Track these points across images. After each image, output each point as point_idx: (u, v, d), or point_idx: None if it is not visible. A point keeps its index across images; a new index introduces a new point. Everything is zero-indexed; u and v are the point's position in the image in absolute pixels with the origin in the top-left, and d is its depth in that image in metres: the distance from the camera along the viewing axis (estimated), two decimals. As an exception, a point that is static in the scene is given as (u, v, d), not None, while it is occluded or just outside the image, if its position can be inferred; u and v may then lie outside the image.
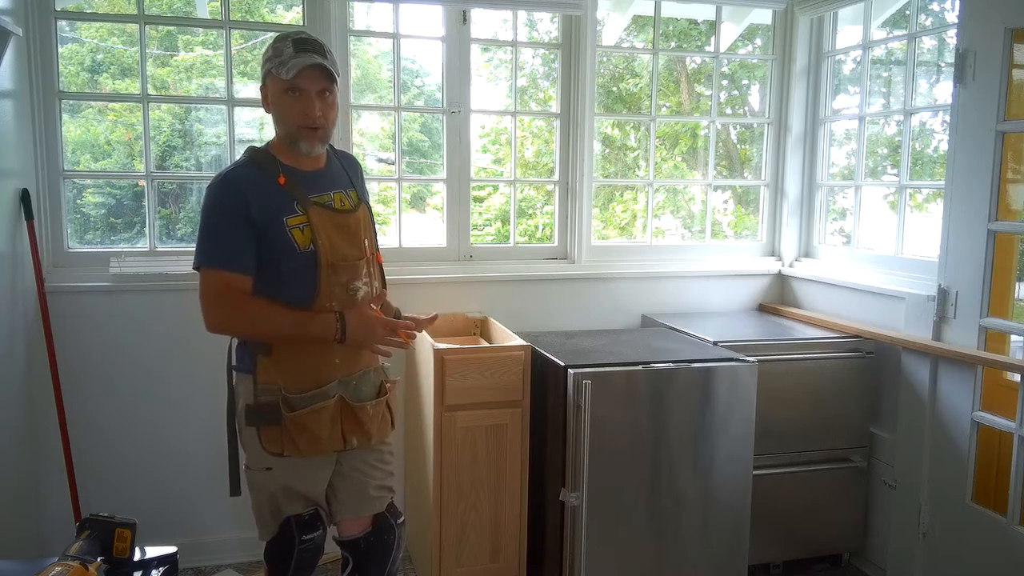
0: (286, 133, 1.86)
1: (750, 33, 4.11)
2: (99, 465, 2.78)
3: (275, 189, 1.82)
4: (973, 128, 2.45)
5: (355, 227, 1.91)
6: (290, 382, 1.83)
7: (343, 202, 1.92)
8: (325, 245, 1.82)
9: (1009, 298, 2.50)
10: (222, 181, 1.82)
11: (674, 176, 5.13)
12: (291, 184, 1.84)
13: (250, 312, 1.79)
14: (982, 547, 2.46)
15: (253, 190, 1.80)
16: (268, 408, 1.82)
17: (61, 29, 2.78)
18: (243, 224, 1.78)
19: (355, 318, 1.82)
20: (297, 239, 1.80)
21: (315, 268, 1.81)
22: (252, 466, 1.89)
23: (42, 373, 2.65)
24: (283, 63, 1.79)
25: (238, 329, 1.84)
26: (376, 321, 1.85)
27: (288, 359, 1.83)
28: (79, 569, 1.41)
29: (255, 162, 1.86)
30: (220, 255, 1.78)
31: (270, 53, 1.83)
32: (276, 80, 1.81)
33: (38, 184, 2.67)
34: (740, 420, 2.55)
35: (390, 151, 3.67)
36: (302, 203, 1.82)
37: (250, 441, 1.87)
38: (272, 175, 1.83)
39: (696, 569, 2.58)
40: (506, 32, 3.58)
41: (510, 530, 2.60)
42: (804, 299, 3.36)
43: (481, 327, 3.03)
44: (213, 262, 1.78)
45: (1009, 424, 2.37)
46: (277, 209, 1.80)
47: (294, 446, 1.83)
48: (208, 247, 1.79)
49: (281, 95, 1.83)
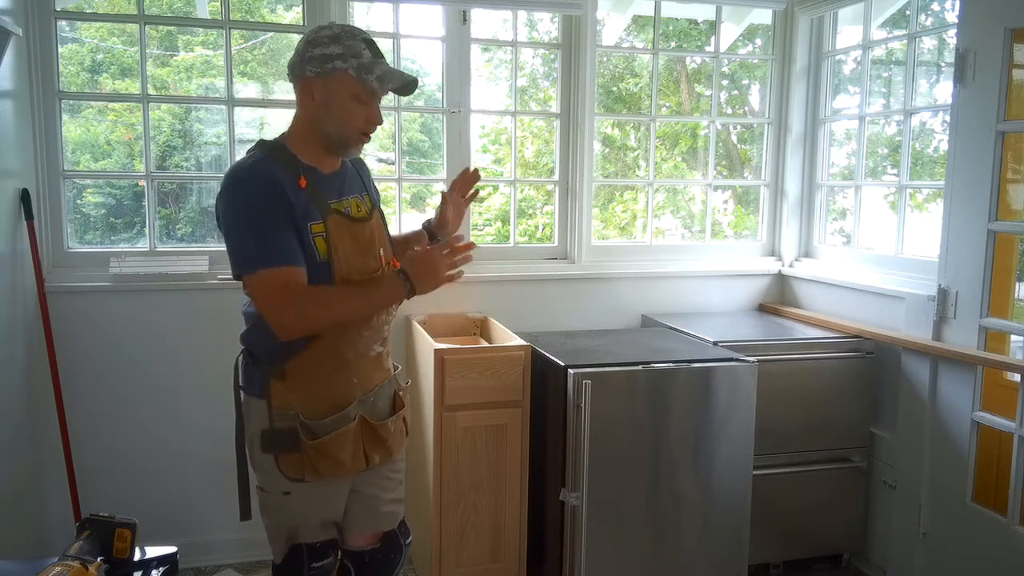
0: (337, 136, 1.71)
1: (750, 33, 4.11)
2: (99, 465, 2.78)
3: (299, 191, 1.67)
4: (973, 128, 2.45)
5: (370, 237, 1.78)
6: (308, 406, 1.70)
7: (359, 208, 1.79)
8: (340, 258, 1.69)
9: (1009, 298, 2.50)
10: (252, 174, 1.65)
11: (674, 176, 5.13)
12: (312, 187, 1.69)
13: (321, 298, 1.65)
14: (982, 547, 2.46)
15: (287, 186, 1.65)
16: (286, 434, 1.70)
17: (61, 29, 2.78)
18: (288, 217, 1.63)
19: (414, 267, 1.67)
20: (319, 248, 1.67)
21: (330, 280, 1.69)
22: (268, 489, 1.77)
23: (42, 373, 2.65)
24: (366, 67, 1.65)
25: (317, 321, 1.66)
26: (432, 256, 1.68)
27: (304, 383, 1.71)
28: (79, 569, 1.41)
29: (275, 159, 1.69)
30: (276, 252, 1.61)
31: (339, 49, 1.65)
32: (349, 81, 1.66)
33: (38, 184, 2.67)
34: (740, 420, 2.55)
35: (390, 151, 3.66)
36: (322, 210, 1.69)
37: (265, 464, 1.75)
38: (293, 175, 1.67)
39: (696, 569, 2.58)
40: (506, 32, 3.58)
41: (510, 530, 2.60)
42: (804, 299, 3.36)
43: (481, 327, 3.03)
44: (271, 260, 1.60)
45: (1009, 424, 2.37)
46: (305, 212, 1.66)
47: (315, 472, 1.71)
48: (258, 246, 1.61)
49: (349, 98, 1.67)
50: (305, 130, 1.73)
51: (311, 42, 1.68)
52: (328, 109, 1.69)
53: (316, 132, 1.72)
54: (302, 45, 1.70)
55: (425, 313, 2.96)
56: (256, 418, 1.74)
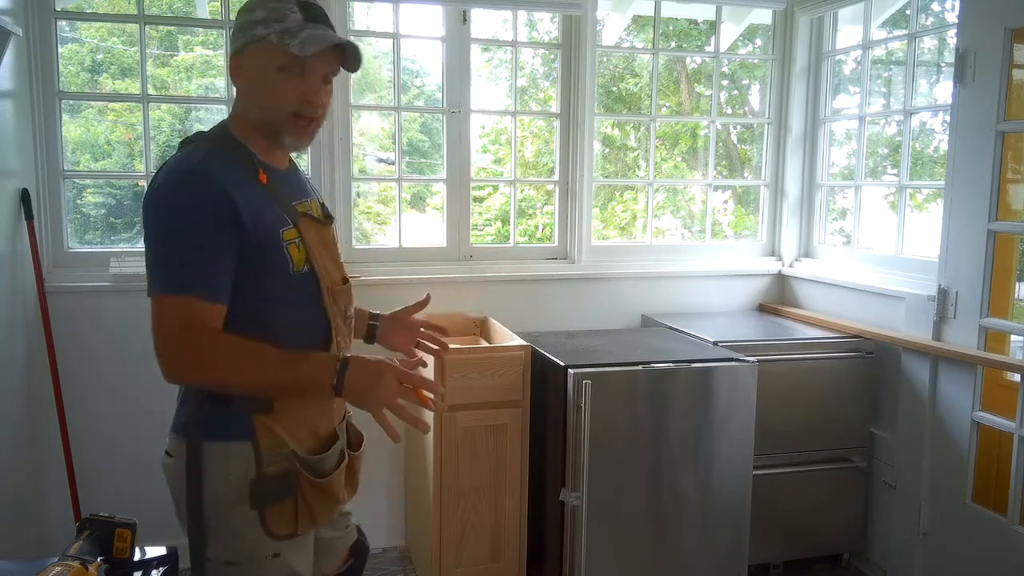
0: (265, 119, 1.41)
1: (750, 33, 4.11)
2: (99, 465, 2.77)
3: (258, 188, 1.37)
4: (973, 128, 2.45)
5: (332, 241, 1.53)
6: (299, 443, 1.41)
7: (318, 212, 1.52)
8: (320, 267, 1.42)
9: (1009, 298, 2.50)
10: (191, 175, 1.32)
11: (674, 176, 5.13)
12: (272, 185, 1.40)
13: (229, 350, 1.30)
14: (982, 547, 2.46)
15: (238, 190, 1.32)
16: (280, 480, 1.38)
17: (61, 29, 2.78)
18: (227, 236, 1.30)
19: (359, 370, 1.31)
20: (294, 257, 1.38)
21: (318, 295, 1.41)
22: (244, 559, 1.39)
23: (42, 373, 2.65)
24: (290, 32, 1.35)
25: (211, 374, 1.30)
26: (388, 369, 1.33)
27: (294, 414, 1.40)
28: (79, 569, 1.41)
29: (225, 152, 1.38)
30: (193, 277, 1.28)
31: (263, 14, 1.37)
32: (272, 50, 1.36)
33: (38, 184, 2.67)
34: (740, 420, 2.55)
35: (390, 151, 3.66)
36: (289, 212, 1.40)
37: (241, 527, 1.38)
38: (249, 169, 1.38)
39: (696, 569, 2.58)
40: (506, 32, 3.58)
41: (510, 530, 2.60)
42: (804, 299, 3.36)
43: (481, 327, 3.03)
44: (184, 287, 1.28)
45: (1009, 424, 2.37)
46: (270, 214, 1.37)
47: (311, 520, 1.42)
48: (176, 267, 1.29)
49: (275, 71, 1.37)
50: (246, 119, 1.44)
51: (241, 9, 1.41)
52: (257, 88, 1.40)
53: (253, 121, 1.43)
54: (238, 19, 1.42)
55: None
56: (234, 468, 1.37)
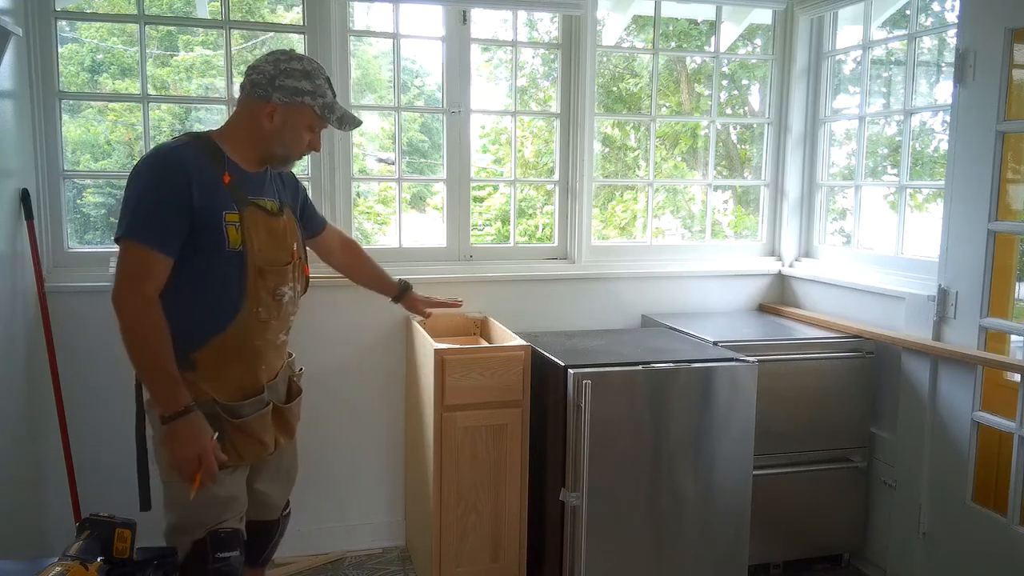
0: (283, 155, 1.89)
1: (750, 33, 4.11)
2: (99, 465, 2.77)
3: (218, 182, 1.77)
4: (973, 128, 2.45)
5: (283, 231, 1.90)
6: (222, 394, 1.80)
7: (272, 207, 1.91)
8: (254, 248, 1.80)
9: (1009, 298, 2.50)
10: (164, 160, 1.73)
11: (674, 176, 5.13)
12: (234, 182, 1.81)
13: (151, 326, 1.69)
14: (982, 547, 2.46)
15: (198, 176, 1.73)
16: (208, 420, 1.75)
17: (61, 29, 2.78)
18: (181, 208, 1.70)
19: (189, 428, 1.70)
20: (231, 236, 1.76)
21: (243, 270, 1.78)
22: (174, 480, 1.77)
23: (42, 373, 2.65)
24: (330, 107, 1.87)
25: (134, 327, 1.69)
26: (203, 448, 1.71)
27: (215, 371, 1.79)
28: (79, 569, 1.41)
29: (202, 147, 1.79)
30: (152, 232, 1.68)
31: (309, 87, 1.83)
32: (311, 116, 1.85)
33: (38, 184, 2.67)
34: (740, 420, 2.55)
35: (390, 151, 3.67)
36: (239, 200, 1.79)
37: None
38: (217, 168, 1.78)
39: (696, 569, 2.58)
40: (506, 32, 3.58)
41: (510, 530, 2.60)
42: (804, 299, 3.36)
43: (481, 327, 3.03)
44: (143, 237, 1.68)
45: (1009, 424, 2.37)
46: (218, 201, 1.76)
47: (238, 456, 1.81)
48: (140, 220, 1.68)
49: (303, 128, 1.87)
50: (245, 138, 1.86)
51: (284, 72, 1.82)
52: (281, 134, 1.85)
53: (259, 145, 1.86)
54: (272, 68, 1.82)
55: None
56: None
